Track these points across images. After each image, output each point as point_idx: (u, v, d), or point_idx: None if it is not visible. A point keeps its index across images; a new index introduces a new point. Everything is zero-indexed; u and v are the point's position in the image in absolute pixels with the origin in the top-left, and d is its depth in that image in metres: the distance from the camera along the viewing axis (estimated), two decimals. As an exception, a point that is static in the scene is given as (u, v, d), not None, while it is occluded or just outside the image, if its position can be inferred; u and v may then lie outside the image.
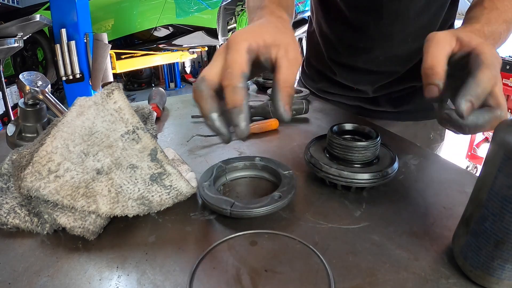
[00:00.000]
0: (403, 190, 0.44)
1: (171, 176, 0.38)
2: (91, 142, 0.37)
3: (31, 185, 0.35)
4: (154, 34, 3.84)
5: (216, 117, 0.37)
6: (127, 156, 0.37)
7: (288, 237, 0.35)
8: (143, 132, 0.38)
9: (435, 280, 0.30)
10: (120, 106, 0.38)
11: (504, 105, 0.37)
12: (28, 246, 0.35)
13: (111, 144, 0.37)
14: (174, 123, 0.72)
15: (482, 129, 0.38)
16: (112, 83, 0.40)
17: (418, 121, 0.80)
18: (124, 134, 0.37)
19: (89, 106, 0.38)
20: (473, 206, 0.29)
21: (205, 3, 3.90)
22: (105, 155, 0.37)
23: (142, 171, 0.37)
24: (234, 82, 0.36)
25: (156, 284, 0.30)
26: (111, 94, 0.38)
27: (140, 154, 0.37)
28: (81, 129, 0.37)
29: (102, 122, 0.37)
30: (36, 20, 2.11)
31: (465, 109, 0.35)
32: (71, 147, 0.36)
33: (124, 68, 3.57)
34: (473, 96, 0.35)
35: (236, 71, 0.37)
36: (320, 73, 0.87)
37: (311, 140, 0.50)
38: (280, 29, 0.42)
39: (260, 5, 0.51)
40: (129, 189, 0.36)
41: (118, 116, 0.38)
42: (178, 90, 5.27)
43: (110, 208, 0.36)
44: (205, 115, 0.37)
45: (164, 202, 0.38)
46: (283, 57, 0.40)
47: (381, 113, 0.80)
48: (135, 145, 0.37)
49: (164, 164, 0.38)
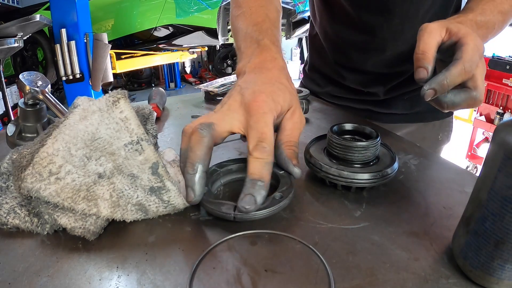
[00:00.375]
0: (403, 190, 0.44)
1: (169, 192, 0.37)
2: (93, 147, 0.36)
3: (31, 186, 0.35)
4: (154, 34, 3.84)
5: (201, 170, 0.36)
6: (128, 165, 0.37)
7: (288, 237, 0.35)
8: (147, 144, 0.37)
9: (435, 280, 0.30)
10: (126, 115, 0.37)
11: (481, 88, 0.43)
12: (28, 246, 0.35)
13: (114, 152, 0.37)
14: (174, 123, 0.72)
15: (459, 107, 0.44)
16: (117, 90, 0.39)
17: (428, 122, 0.80)
18: (128, 144, 0.37)
19: (93, 111, 0.37)
20: (473, 206, 0.29)
21: (205, 3, 3.90)
22: (107, 160, 0.37)
23: (142, 182, 0.37)
24: (268, 158, 0.37)
25: (156, 284, 0.30)
26: (117, 102, 0.37)
27: (141, 166, 0.37)
28: (84, 133, 0.36)
29: (106, 129, 0.37)
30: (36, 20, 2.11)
31: (426, 94, 0.41)
32: (73, 150, 0.36)
33: (124, 68, 3.57)
34: (438, 85, 0.41)
35: (270, 147, 0.37)
36: (326, 77, 0.85)
37: (311, 140, 0.50)
38: (288, 89, 0.43)
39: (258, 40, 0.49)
40: (129, 194, 0.37)
41: (124, 126, 0.37)
42: (178, 90, 5.27)
43: (111, 212, 0.36)
44: (191, 162, 0.36)
45: (160, 212, 0.38)
46: (288, 120, 0.42)
47: (392, 115, 0.79)
48: (137, 156, 0.37)
49: (164, 179, 0.37)
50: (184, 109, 0.81)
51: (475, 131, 2.72)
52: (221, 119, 0.39)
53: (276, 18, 0.56)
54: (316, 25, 0.84)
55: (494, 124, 2.57)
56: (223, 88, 0.85)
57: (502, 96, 2.56)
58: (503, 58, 2.45)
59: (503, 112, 2.54)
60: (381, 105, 0.79)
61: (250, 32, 0.51)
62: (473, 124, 2.72)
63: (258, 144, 0.37)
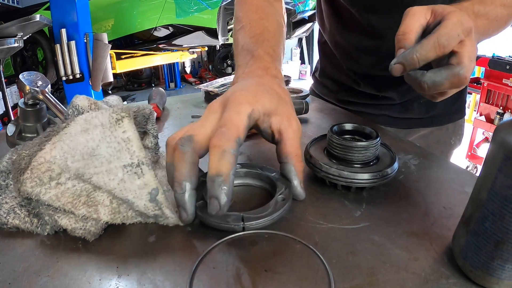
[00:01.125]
0: (403, 190, 0.44)
1: (167, 220, 0.36)
2: (89, 162, 0.35)
3: (31, 190, 0.35)
4: (154, 34, 3.84)
5: (189, 188, 0.34)
6: (123, 190, 0.35)
7: (288, 237, 0.35)
8: (147, 169, 0.35)
9: (435, 280, 0.30)
10: (128, 136, 0.35)
11: (466, 64, 0.38)
12: (28, 246, 0.35)
13: (110, 171, 0.35)
14: (174, 123, 0.72)
15: (442, 87, 0.40)
16: (122, 107, 0.37)
17: (443, 125, 0.79)
18: (127, 165, 0.35)
19: (95, 125, 0.36)
20: (473, 206, 0.29)
21: (205, 3, 3.90)
22: (99, 181, 0.35)
23: (137, 208, 0.35)
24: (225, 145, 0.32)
25: (156, 284, 0.30)
26: (121, 121, 0.36)
27: (139, 191, 0.35)
28: (84, 147, 0.35)
29: (107, 147, 0.35)
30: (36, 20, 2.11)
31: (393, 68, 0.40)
32: (69, 162, 0.35)
33: (124, 68, 3.57)
34: (405, 59, 0.38)
35: (232, 133, 0.33)
36: (338, 83, 0.84)
37: (311, 140, 0.50)
38: (280, 96, 0.41)
39: (252, 51, 0.48)
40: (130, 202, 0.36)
41: (125, 146, 0.35)
42: (178, 90, 5.27)
43: (111, 218, 0.36)
44: (178, 181, 0.34)
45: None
46: (287, 128, 0.39)
47: (408, 120, 0.78)
48: (135, 180, 0.35)
49: (163, 207, 0.35)
50: (184, 109, 0.81)
51: (475, 131, 2.71)
52: (201, 126, 0.36)
53: (277, 30, 0.54)
54: (325, 33, 0.83)
55: (494, 124, 2.56)
56: (223, 88, 0.85)
57: (502, 96, 2.56)
58: (503, 58, 2.44)
59: (503, 112, 2.54)
60: (397, 110, 0.77)
61: (247, 45, 0.50)
62: (473, 124, 2.72)
63: (218, 129, 0.33)
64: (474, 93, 3.07)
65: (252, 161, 0.53)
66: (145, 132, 0.46)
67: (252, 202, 0.42)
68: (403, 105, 0.77)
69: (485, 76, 2.63)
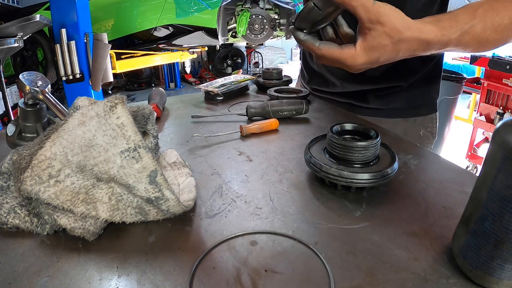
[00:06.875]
0: (403, 190, 0.44)
1: (168, 202, 0.36)
2: (88, 154, 0.35)
3: (31, 188, 0.35)
4: (154, 34, 3.84)
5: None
6: (123, 175, 0.35)
7: (288, 237, 0.35)
8: (144, 151, 0.36)
9: (435, 280, 0.30)
10: (122, 122, 0.36)
11: (358, 51, 0.45)
12: (28, 246, 0.35)
13: (109, 159, 0.35)
14: (174, 123, 0.72)
15: (323, 60, 0.49)
16: (116, 95, 0.38)
17: (407, 118, 0.81)
18: (124, 151, 0.35)
19: (91, 116, 0.37)
20: (473, 206, 0.29)
21: (205, 3, 3.90)
22: (100, 171, 0.36)
23: (138, 192, 0.36)
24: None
25: (156, 284, 0.30)
26: (114, 108, 0.36)
27: (138, 175, 0.35)
28: (81, 139, 0.36)
29: (103, 136, 0.36)
30: (36, 20, 2.11)
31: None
32: (70, 156, 0.35)
33: (124, 68, 3.57)
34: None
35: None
36: (311, 71, 0.90)
37: (311, 140, 0.50)
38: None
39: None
40: (129, 199, 0.36)
41: (120, 132, 0.36)
42: (178, 90, 5.26)
43: (110, 215, 0.36)
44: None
45: (160, 217, 0.37)
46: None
47: (370, 110, 0.81)
48: (134, 164, 0.35)
49: (163, 188, 0.36)
50: (184, 109, 0.81)
51: (475, 131, 2.71)
52: None
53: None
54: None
55: (494, 124, 2.56)
56: (223, 88, 0.85)
57: (502, 96, 2.55)
58: (503, 58, 2.44)
59: (503, 112, 2.54)
60: (360, 99, 0.81)
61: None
62: (473, 124, 2.71)
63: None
64: (474, 93, 3.07)
65: (253, 161, 0.53)
66: (145, 132, 0.46)
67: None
68: (364, 96, 0.80)
69: (485, 76, 2.63)
